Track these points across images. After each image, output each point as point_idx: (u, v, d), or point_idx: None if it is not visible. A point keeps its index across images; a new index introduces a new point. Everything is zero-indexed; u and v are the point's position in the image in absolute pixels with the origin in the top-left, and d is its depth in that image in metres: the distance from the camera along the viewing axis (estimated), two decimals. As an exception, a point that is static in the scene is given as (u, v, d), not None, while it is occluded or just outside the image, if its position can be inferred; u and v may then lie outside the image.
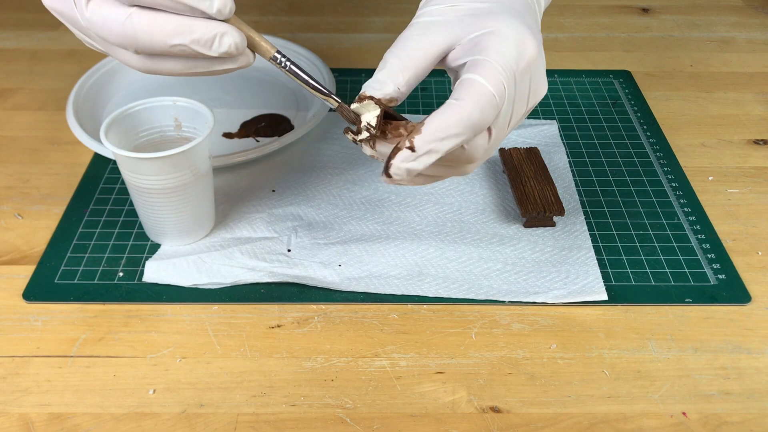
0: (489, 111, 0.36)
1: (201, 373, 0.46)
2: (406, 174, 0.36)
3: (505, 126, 0.39)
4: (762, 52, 0.82)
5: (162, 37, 0.37)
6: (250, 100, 0.70)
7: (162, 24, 0.37)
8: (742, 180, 0.63)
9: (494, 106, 0.37)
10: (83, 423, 0.43)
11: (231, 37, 0.38)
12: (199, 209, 0.53)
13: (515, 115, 0.40)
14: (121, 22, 0.37)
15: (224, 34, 0.37)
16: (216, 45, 0.38)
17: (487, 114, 0.36)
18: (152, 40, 0.37)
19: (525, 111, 0.41)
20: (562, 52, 0.81)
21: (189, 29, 0.37)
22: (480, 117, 0.36)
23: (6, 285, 0.52)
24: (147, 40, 0.37)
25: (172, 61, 0.39)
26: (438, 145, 0.36)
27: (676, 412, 0.44)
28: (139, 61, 0.40)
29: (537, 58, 0.39)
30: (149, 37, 0.37)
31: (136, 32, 0.37)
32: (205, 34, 0.37)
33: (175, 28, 0.37)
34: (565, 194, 0.59)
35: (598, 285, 0.51)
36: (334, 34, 0.84)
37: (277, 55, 0.40)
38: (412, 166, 0.36)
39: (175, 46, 0.37)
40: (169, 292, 0.51)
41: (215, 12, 0.37)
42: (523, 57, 0.38)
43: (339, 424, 0.43)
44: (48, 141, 0.66)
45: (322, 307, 0.50)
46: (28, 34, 0.83)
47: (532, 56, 0.39)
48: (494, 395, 0.45)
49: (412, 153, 0.36)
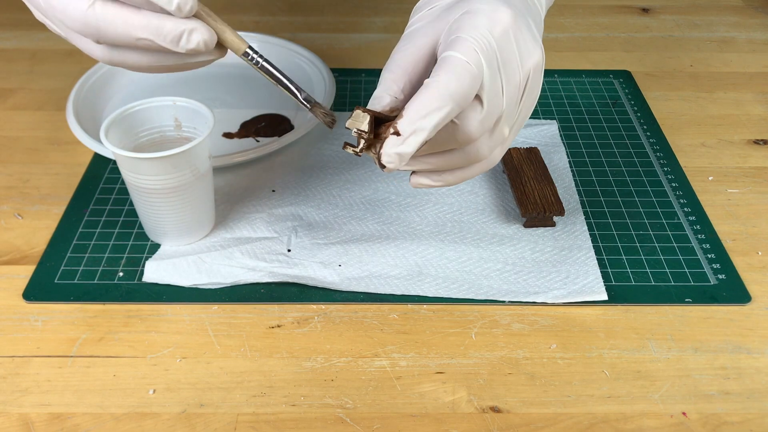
0: (466, 79, 0.36)
1: (201, 373, 0.46)
2: (397, 159, 0.36)
3: (498, 94, 0.38)
4: (762, 52, 0.82)
5: (126, 30, 0.36)
6: (250, 100, 0.70)
7: (126, 17, 0.36)
8: (742, 180, 0.63)
9: (470, 72, 0.36)
10: (83, 423, 0.43)
11: (199, 33, 0.37)
12: (199, 209, 0.53)
13: (509, 83, 0.39)
14: (83, 10, 0.36)
15: (192, 30, 0.37)
16: (183, 41, 0.37)
17: (463, 82, 0.36)
18: (116, 32, 0.36)
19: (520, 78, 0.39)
20: (562, 52, 0.81)
21: (155, 24, 0.36)
22: (457, 86, 0.36)
23: (6, 285, 0.52)
24: (110, 32, 0.36)
25: (137, 54, 0.38)
26: (422, 123, 0.36)
27: (676, 412, 0.44)
28: (101, 51, 0.39)
29: (513, 22, 0.38)
30: (113, 28, 0.36)
31: (98, 22, 0.36)
32: (172, 30, 0.36)
33: (140, 21, 0.36)
34: (565, 194, 0.59)
35: (598, 285, 0.51)
36: (334, 34, 0.84)
37: (249, 51, 0.40)
38: (402, 150, 0.36)
39: (141, 40, 0.36)
40: (169, 292, 0.51)
41: (174, 9, 0.36)
42: (496, 23, 0.38)
43: (339, 424, 0.43)
44: (48, 141, 0.66)
45: (322, 307, 0.50)
46: (28, 34, 0.83)
47: (506, 21, 0.38)
48: (494, 395, 0.45)
49: (399, 137, 0.36)
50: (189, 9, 0.36)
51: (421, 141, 0.36)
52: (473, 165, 0.42)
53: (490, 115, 0.38)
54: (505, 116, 0.39)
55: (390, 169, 0.36)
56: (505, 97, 0.39)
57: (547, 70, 0.76)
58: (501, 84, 0.38)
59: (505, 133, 0.40)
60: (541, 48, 0.40)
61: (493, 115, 0.39)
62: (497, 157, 0.42)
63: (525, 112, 0.41)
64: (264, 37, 0.75)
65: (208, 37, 0.37)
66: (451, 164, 0.41)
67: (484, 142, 0.40)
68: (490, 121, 0.39)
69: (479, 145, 0.40)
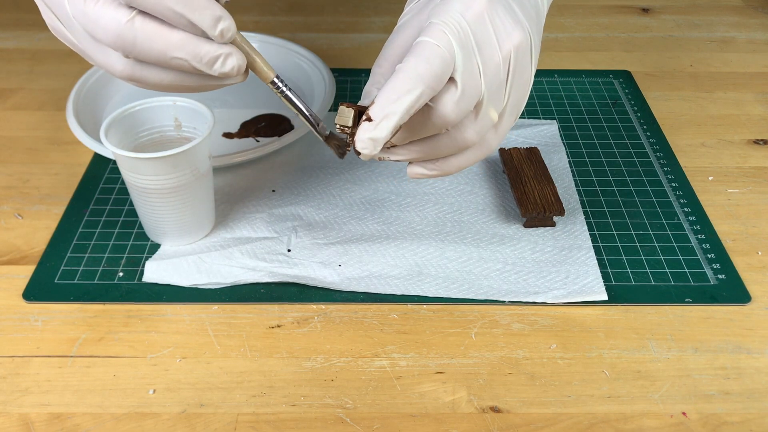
0: (435, 60, 0.36)
1: (201, 373, 0.46)
2: (371, 145, 0.36)
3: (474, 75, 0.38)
4: (762, 52, 0.82)
5: (163, 48, 0.36)
6: (250, 100, 0.70)
7: (165, 34, 0.36)
8: (742, 180, 0.63)
9: (439, 55, 0.36)
10: (83, 423, 0.43)
11: (235, 59, 0.37)
12: (199, 209, 0.53)
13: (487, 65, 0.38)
14: (120, 23, 0.36)
15: (229, 55, 0.37)
16: (218, 65, 0.37)
17: (433, 63, 0.36)
18: (152, 48, 0.37)
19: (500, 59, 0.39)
20: (562, 52, 0.81)
21: (193, 45, 0.36)
22: (426, 68, 0.36)
23: (6, 285, 0.52)
24: (145, 48, 0.37)
25: (161, 72, 0.38)
26: (392, 107, 0.36)
27: (676, 412, 0.44)
28: (125, 65, 0.39)
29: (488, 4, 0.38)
30: (149, 44, 0.36)
31: (136, 37, 0.36)
32: (209, 53, 0.37)
33: (179, 41, 0.36)
34: (565, 194, 0.59)
35: (598, 285, 0.51)
36: (334, 34, 0.84)
37: (276, 80, 0.40)
38: (375, 134, 0.36)
39: (175, 59, 0.37)
40: (169, 292, 0.51)
41: (216, 35, 0.36)
42: (468, 7, 0.38)
43: (339, 424, 0.43)
44: (48, 141, 0.66)
45: (322, 307, 0.50)
46: (28, 34, 0.83)
47: (480, 4, 0.38)
48: (494, 395, 0.45)
49: (371, 123, 0.36)
50: (230, 36, 0.37)
51: (393, 125, 0.36)
52: (466, 152, 0.42)
53: (466, 96, 0.38)
54: (489, 98, 0.39)
55: (366, 155, 0.37)
56: (484, 79, 0.38)
57: (547, 70, 0.76)
58: (477, 65, 0.38)
59: (492, 116, 0.40)
60: (523, 28, 0.40)
61: (472, 97, 0.38)
62: (492, 144, 0.42)
63: (517, 96, 0.41)
64: (264, 37, 0.75)
65: (242, 62, 0.38)
66: (440, 151, 0.41)
67: (469, 126, 0.40)
68: (468, 102, 0.39)
69: (464, 129, 0.40)
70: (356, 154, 0.37)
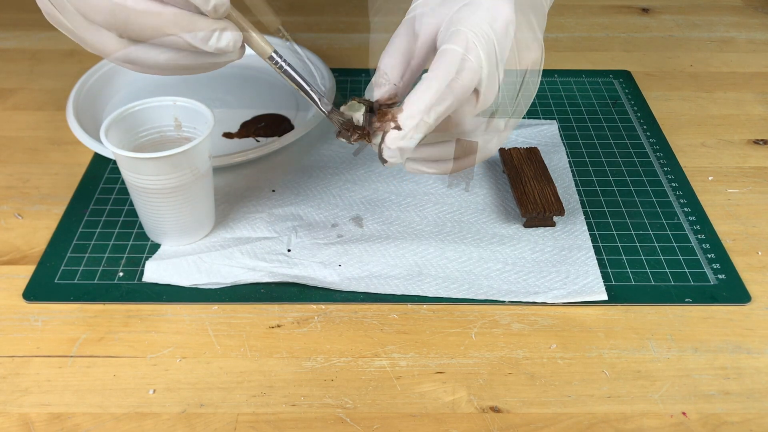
0: (466, 75, 0.36)
1: (201, 373, 0.46)
2: (399, 154, 0.36)
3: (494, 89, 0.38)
4: (762, 52, 0.82)
5: (158, 24, 0.36)
6: (250, 100, 0.70)
7: (159, 11, 0.35)
8: (742, 180, 0.63)
9: (471, 69, 0.36)
10: (83, 423, 0.43)
11: (230, 34, 0.37)
12: (199, 209, 0.53)
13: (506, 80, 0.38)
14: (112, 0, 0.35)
15: (224, 30, 0.37)
16: (213, 40, 0.37)
17: (464, 77, 0.36)
18: (146, 25, 0.36)
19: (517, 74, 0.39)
20: (562, 52, 0.81)
21: (187, 20, 0.36)
22: (458, 80, 0.36)
23: (6, 285, 0.52)
24: (139, 25, 0.36)
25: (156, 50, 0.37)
26: (423, 117, 0.35)
27: (676, 412, 0.44)
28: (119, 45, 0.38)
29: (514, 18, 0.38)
30: (143, 20, 0.35)
31: (128, 15, 0.35)
32: (204, 28, 0.36)
33: (173, 17, 0.36)
34: (565, 194, 0.59)
35: (598, 285, 0.51)
36: (334, 34, 0.84)
37: (274, 55, 0.40)
38: (403, 144, 0.36)
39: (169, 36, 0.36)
40: (169, 292, 0.51)
41: (209, 9, 0.36)
42: (496, 18, 0.37)
43: (339, 424, 0.43)
44: (48, 141, 0.66)
45: (322, 307, 0.50)
46: (28, 34, 0.83)
47: (506, 17, 0.38)
48: (494, 395, 0.45)
49: (400, 132, 0.36)
50: (224, 11, 0.36)
51: (422, 136, 0.36)
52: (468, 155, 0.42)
53: (485, 109, 0.38)
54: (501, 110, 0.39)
55: (392, 164, 0.36)
56: (501, 93, 0.39)
57: (547, 70, 0.76)
58: (498, 79, 0.38)
59: (500, 126, 0.40)
60: (540, 45, 0.40)
61: (488, 109, 0.39)
62: (493, 149, 0.42)
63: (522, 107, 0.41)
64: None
65: (238, 37, 0.37)
66: (447, 155, 0.41)
67: (478, 135, 0.40)
68: (485, 114, 0.39)
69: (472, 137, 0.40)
70: (381, 161, 0.36)
